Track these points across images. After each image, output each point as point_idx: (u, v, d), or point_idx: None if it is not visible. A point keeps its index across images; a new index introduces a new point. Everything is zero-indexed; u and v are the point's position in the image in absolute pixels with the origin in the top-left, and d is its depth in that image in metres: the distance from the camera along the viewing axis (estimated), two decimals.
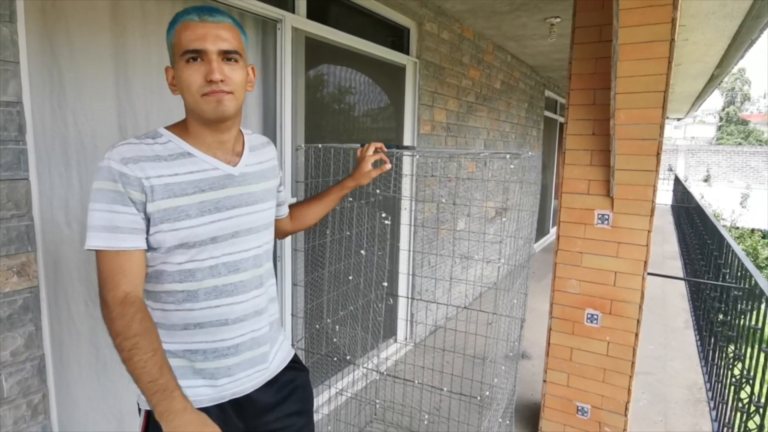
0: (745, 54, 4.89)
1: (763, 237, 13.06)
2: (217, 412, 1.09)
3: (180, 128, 1.07)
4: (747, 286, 2.46)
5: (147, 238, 0.99)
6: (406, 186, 3.35)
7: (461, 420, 2.49)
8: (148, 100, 1.90)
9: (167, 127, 1.07)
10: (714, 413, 2.89)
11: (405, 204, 3.25)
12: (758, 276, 2.23)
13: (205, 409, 1.06)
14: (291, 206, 1.47)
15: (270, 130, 2.52)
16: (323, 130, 2.67)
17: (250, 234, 1.10)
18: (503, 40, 4.53)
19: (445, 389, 1.66)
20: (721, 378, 2.92)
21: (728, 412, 2.58)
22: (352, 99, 2.93)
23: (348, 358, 2.20)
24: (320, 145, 1.73)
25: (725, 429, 2.59)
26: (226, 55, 1.00)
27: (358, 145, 1.80)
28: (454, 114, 4.00)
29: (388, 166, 1.62)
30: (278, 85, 2.28)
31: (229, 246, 1.06)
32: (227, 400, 1.11)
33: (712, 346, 3.40)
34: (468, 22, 3.93)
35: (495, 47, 4.68)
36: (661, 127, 2.04)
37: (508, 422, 2.20)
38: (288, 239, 2.34)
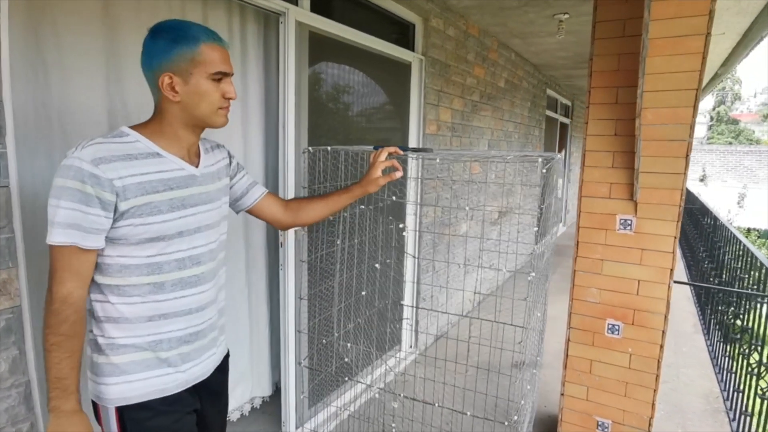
0: (750, 52, 4.81)
1: (759, 237, 13.08)
2: (188, 396, 1.19)
3: (149, 129, 1.11)
4: None
5: (111, 231, 1.03)
6: (411, 190, 3.22)
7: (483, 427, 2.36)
8: (141, 99, 1.75)
9: (132, 127, 1.10)
10: (734, 425, 2.78)
11: (410, 209, 3.11)
12: None
13: (177, 395, 1.15)
14: (292, 199, 1.54)
15: (272, 129, 2.38)
16: (327, 131, 2.53)
17: (209, 229, 1.20)
18: (508, 37, 4.41)
19: (468, 413, 1.53)
20: (740, 387, 2.81)
21: (751, 425, 2.47)
22: (356, 97, 2.78)
23: (356, 378, 2.07)
24: (329, 148, 1.59)
25: None
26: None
27: (371, 147, 1.67)
28: (459, 113, 3.87)
29: (400, 173, 1.52)
30: (281, 82, 2.13)
31: (193, 240, 1.14)
32: (193, 384, 1.20)
33: (728, 353, 3.30)
34: (474, 19, 3.80)
35: (500, 45, 4.56)
36: (692, 128, 1.92)
37: None
38: (291, 249, 2.19)
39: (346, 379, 1.67)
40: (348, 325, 2.00)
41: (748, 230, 12.54)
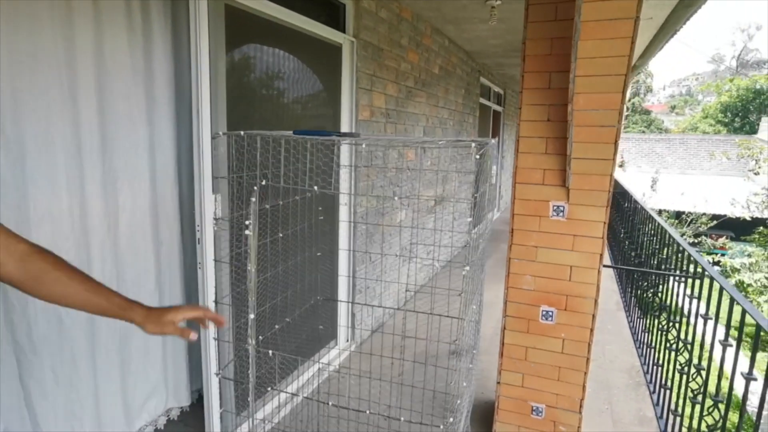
0: (665, 45, 5.09)
1: (669, 217, 14.27)
2: None
3: None
4: (693, 272, 2.46)
5: None
6: (345, 179, 3.07)
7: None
8: None
9: None
10: (655, 397, 2.94)
11: (344, 199, 2.97)
12: (708, 266, 2.22)
13: None
14: (43, 251, 0.92)
15: (185, 115, 2.13)
16: (250, 117, 2.31)
17: None
18: (442, 23, 4.34)
19: (402, 418, 1.43)
20: (659, 362, 2.97)
21: (670, 397, 2.61)
22: (283, 81, 2.57)
23: (278, 387, 1.92)
24: (242, 133, 1.41)
25: (667, 413, 2.61)
26: None
27: (290, 132, 1.50)
28: (394, 99, 3.76)
29: (194, 337, 1.10)
30: (193, 62, 1.89)
31: None
32: None
33: (648, 329, 3.48)
34: (407, 2, 3.68)
35: (433, 30, 4.48)
36: (620, 114, 1.93)
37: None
38: (210, 247, 1.97)
39: (269, 389, 1.52)
40: (274, 326, 1.84)
41: (660, 212, 13.64)
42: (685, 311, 2.50)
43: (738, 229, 13.35)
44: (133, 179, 2.02)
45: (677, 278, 2.75)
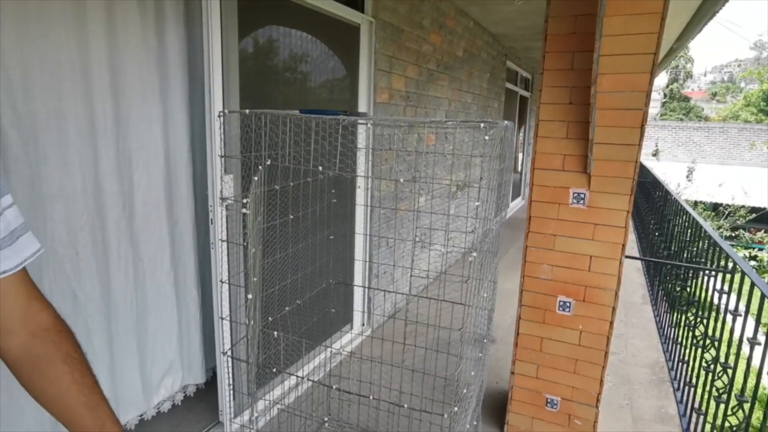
0: (704, 27, 4.81)
1: (705, 209, 13.71)
2: None
3: None
4: (725, 267, 2.34)
5: None
6: (361, 161, 3.03)
7: (423, 419, 2.27)
8: None
9: None
10: (679, 395, 2.83)
11: (360, 182, 2.93)
12: (739, 260, 2.10)
13: None
14: (61, 331, 0.74)
15: (198, 94, 2.12)
16: (263, 98, 2.29)
17: None
18: (467, 3, 4.21)
19: (405, 405, 1.41)
20: (685, 358, 2.85)
21: (695, 396, 2.50)
22: (298, 62, 2.54)
23: (287, 370, 1.92)
24: (247, 111, 1.38)
25: (691, 411, 2.51)
26: None
27: (296, 111, 1.47)
28: (414, 82, 3.68)
29: None
30: (205, 41, 1.87)
31: None
32: None
33: (674, 324, 3.35)
34: None
35: (457, 11, 4.35)
36: (648, 96, 1.82)
37: (476, 422, 2.00)
38: (222, 227, 1.98)
39: (274, 370, 1.51)
40: (284, 308, 1.83)
41: (695, 203, 13.11)
42: (714, 307, 2.38)
43: None
44: (148, 158, 2.03)
45: (707, 272, 2.62)
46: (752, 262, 10.79)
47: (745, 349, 1.91)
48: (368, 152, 2.87)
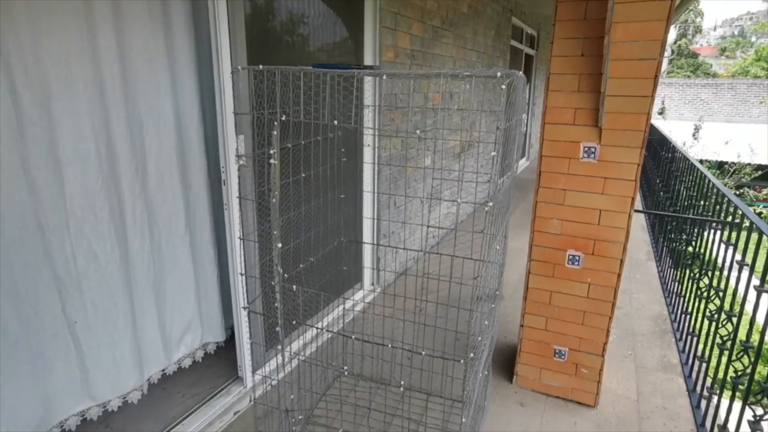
0: None
1: (710, 168, 13.62)
2: None
3: None
4: (732, 219, 2.35)
5: None
6: (368, 119, 3.01)
7: (435, 370, 2.36)
8: None
9: None
10: (681, 344, 2.91)
11: (368, 140, 2.92)
12: (747, 210, 2.11)
13: None
14: None
15: (205, 55, 2.09)
16: (269, 57, 2.26)
17: None
18: None
19: (423, 352, 1.46)
20: (688, 310, 2.92)
21: (697, 344, 2.58)
22: (304, 18, 2.49)
23: (307, 322, 1.98)
24: (261, 67, 1.37)
25: (693, 359, 2.59)
26: None
27: (309, 66, 1.46)
28: (419, 40, 3.60)
29: None
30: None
31: None
32: None
33: (678, 279, 3.41)
34: None
35: None
36: (662, 45, 1.79)
37: (486, 372, 2.08)
38: (234, 188, 1.99)
39: (294, 323, 1.57)
40: (298, 266, 1.87)
41: (701, 162, 13.02)
42: (719, 261, 2.41)
43: None
44: (158, 121, 2.03)
45: (713, 226, 2.64)
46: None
47: (749, 303, 1.95)
48: (376, 110, 2.85)
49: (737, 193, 12.58)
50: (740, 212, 2.21)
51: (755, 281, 1.89)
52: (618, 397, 2.43)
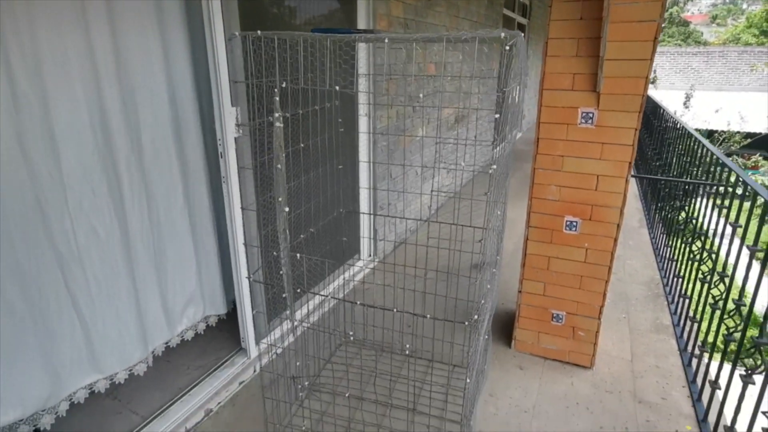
0: None
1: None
2: None
3: None
4: (726, 182, 2.39)
5: None
6: (363, 87, 2.98)
7: (437, 337, 2.41)
8: None
9: None
10: (673, 307, 2.99)
11: (363, 110, 2.89)
12: (741, 172, 2.14)
13: None
14: None
15: (196, 15, 2.03)
16: (261, 20, 2.20)
17: None
18: None
19: (428, 316, 1.49)
20: (680, 273, 2.98)
21: (688, 305, 2.64)
22: None
23: (311, 290, 2.00)
24: (259, 33, 1.34)
25: (685, 319, 2.67)
26: None
27: (308, 32, 1.43)
28: (412, 8, 3.53)
29: None
30: None
31: None
32: None
33: (670, 244, 3.47)
34: None
35: None
36: (663, 6, 1.78)
37: (487, 336, 2.13)
38: (233, 160, 1.98)
39: (298, 290, 1.58)
40: (299, 236, 1.88)
41: None
42: (713, 225, 2.45)
43: None
44: (152, 94, 1.99)
45: (707, 189, 2.68)
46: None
47: (740, 268, 2.00)
48: (370, 78, 2.82)
49: (713, 171, 12.67)
50: (734, 176, 2.24)
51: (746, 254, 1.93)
52: (613, 358, 2.50)
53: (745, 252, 1.94)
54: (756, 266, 1.84)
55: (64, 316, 1.82)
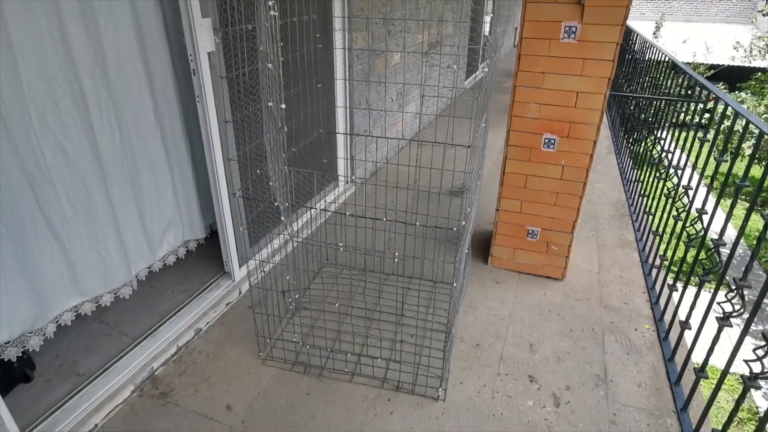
0: None
1: (666, 68, 13.83)
2: None
3: None
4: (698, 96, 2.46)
5: None
6: (338, 6, 2.83)
7: (417, 255, 2.49)
8: None
9: None
10: (637, 224, 3.16)
11: (337, 24, 2.76)
12: (716, 90, 2.20)
13: None
14: None
15: None
16: None
17: None
18: None
19: (418, 223, 1.53)
20: (645, 192, 3.13)
21: (652, 221, 2.80)
22: None
23: (300, 205, 2.00)
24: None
25: (648, 234, 2.84)
26: None
27: None
28: None
29: None
30: None
31: None
32: None
33: (636, 163, 3.60)
34: None
35: None
36: None
37: (467, 251, 2.21)
38: (207, 72, 1.87)
39: (287, 204, 1.58)
40: (282, 154, 1.85)
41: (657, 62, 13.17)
42: (680, 141, 2.55)
43: (735, 79, 13.08)
44: (111, 2, 1.83)
45: (678, 108, 2.75)
46: (707, 115, 11.27)
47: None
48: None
49: (689, 93, 12.96)
50: (706, 93, 2.30)
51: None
52: (582, 270, 2.66)
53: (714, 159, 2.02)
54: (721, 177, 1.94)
55: (41, 238, 1.77)
